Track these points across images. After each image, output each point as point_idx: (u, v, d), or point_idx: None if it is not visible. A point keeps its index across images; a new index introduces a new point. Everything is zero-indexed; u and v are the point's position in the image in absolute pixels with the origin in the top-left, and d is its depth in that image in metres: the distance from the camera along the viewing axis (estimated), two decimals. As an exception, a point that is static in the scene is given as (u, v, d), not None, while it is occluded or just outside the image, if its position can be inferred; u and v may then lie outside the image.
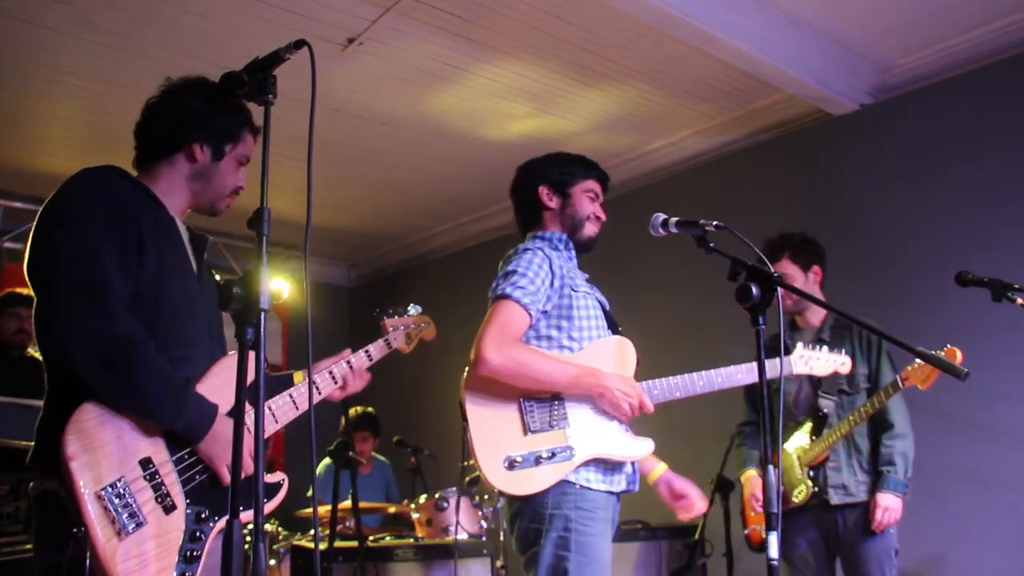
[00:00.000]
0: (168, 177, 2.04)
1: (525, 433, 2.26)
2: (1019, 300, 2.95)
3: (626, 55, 4.31)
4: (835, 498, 3.14)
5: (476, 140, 5.29)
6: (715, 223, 2.14)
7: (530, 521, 2.26)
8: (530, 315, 2.31)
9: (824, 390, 3.23)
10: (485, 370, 2.23)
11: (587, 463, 2.29)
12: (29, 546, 3.13)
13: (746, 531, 3.46)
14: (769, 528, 1.83)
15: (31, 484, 1.81)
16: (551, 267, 2.39)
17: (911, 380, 3.00)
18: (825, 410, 3.22)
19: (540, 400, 2.31)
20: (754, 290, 1.94)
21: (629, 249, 4.50)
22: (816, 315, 3.40)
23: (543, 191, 2.57)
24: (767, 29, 4.01)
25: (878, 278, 4.31)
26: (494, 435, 2.25)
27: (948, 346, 2.91)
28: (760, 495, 3.27)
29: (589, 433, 2.31)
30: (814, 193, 4.71)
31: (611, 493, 2.33)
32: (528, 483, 2.22)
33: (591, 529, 2.23)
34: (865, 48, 4.33)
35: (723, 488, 4.03)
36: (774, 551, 1.82)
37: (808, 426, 3.25)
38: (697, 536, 4.11)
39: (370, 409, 5.64)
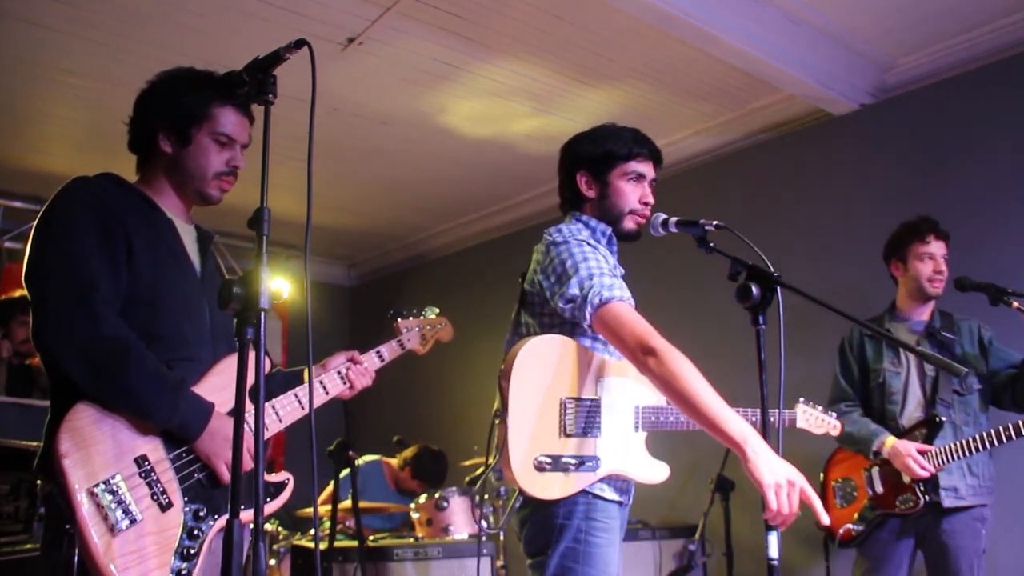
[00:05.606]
0: (153, 178, 2.04)
1: (560, 435, 2.12)
2: (1015, 304, 2.97)
3: (626, 55, 4.31)
4: (947, 501, 3.04)
5: (476, 140, 5.28)
6: (715, 223, 2.13)
7: (540, 529, 2.16)
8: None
9: (942, 396, 3.11)
10: (657, 355, 1.98)
11: (606, 477, 2.18)
12: (29, 546, 3.14)
13: (876, 512, 3.20)
14: (769, 528, 1.83)
15: (39, 485, 1.82)
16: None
17: None
18: (942, 417, 3.07)
19: (580, 402, 2.17)
20: (754, 290, 1.95)
21: (629, 249, 4.49)
22: (928, 307, 3.30)
23: (581, 180, 2.37)
24: (767, 29, 4.01)
25: (877, 278, 4.30)
26: (530, 431, 2.10)
27: None
28: (917, 455, 3.01)
29: (616, 446, 2.20)
30: (814, 193, 4.71)
31: (621, 504, 2.24)
32: (551, 488, 2.10)
33: (600, 540, 2.14)
34: (865, 48, 4.33)
35: (723, 488, 4.03)
36: (774, 551, 1.82)
37: (920, 431, 3.11)
38: (697, 536, 4.11)
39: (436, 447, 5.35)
